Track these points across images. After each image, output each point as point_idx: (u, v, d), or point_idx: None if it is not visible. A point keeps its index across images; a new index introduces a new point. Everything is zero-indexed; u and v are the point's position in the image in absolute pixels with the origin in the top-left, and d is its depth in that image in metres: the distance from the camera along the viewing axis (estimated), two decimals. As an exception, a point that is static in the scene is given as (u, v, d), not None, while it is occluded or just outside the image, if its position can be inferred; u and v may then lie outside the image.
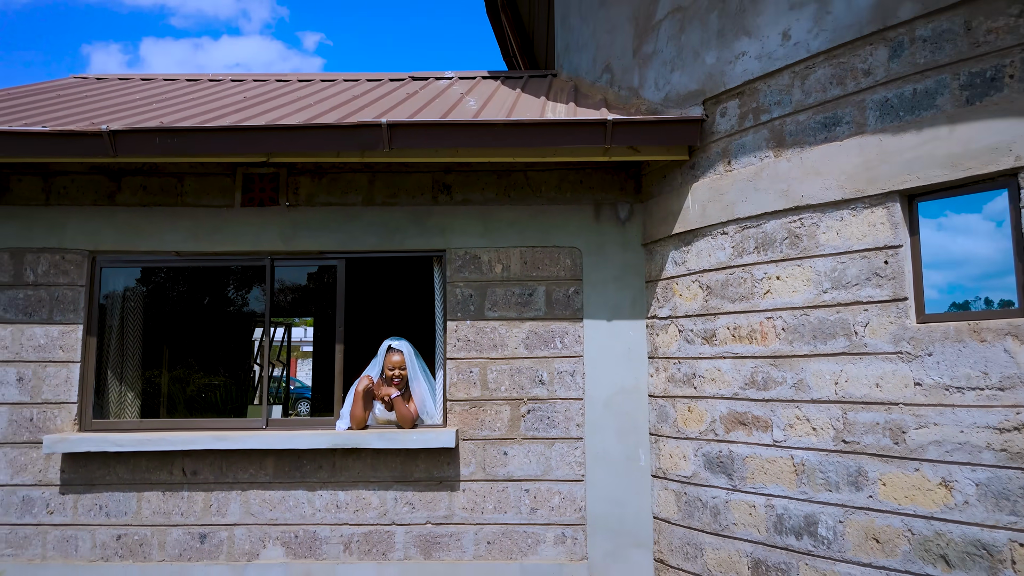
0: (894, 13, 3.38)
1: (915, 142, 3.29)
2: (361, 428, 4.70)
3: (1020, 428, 2.92)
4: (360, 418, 4.69)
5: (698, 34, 4.35)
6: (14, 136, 4.37)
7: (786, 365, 3.74)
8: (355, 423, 4.70)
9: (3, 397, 4.81)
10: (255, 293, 7.94)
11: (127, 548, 4.69)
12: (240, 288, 7.88)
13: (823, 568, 3.51)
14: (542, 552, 4.64)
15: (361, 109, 4.98)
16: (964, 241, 3.27)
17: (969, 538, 3.03)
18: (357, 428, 4.69)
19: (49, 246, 4.92)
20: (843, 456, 3.47)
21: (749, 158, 4.00)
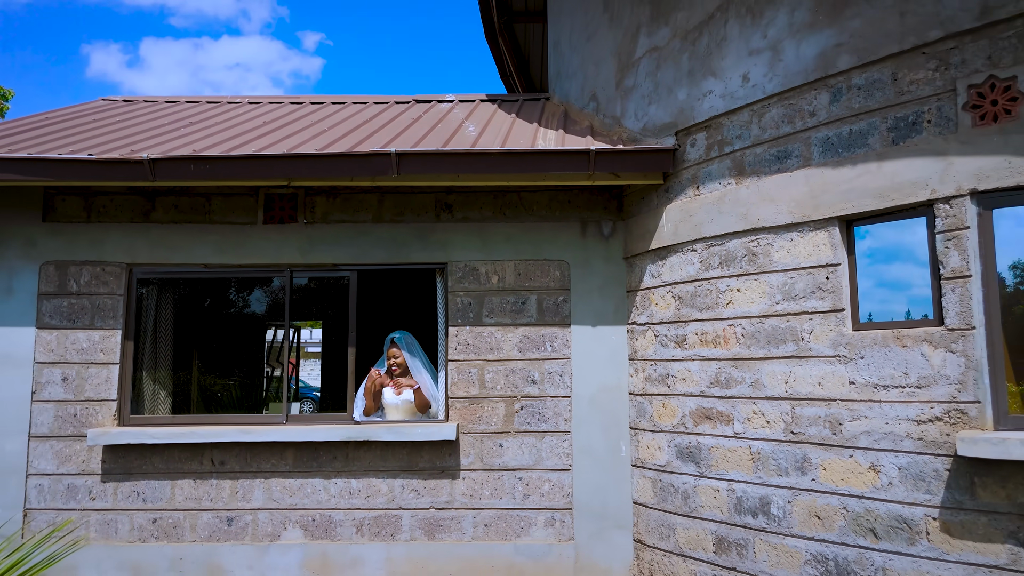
0: (834, 63, 3.89)
1: (851, 175, 3.80)
2: (371, 415, 5.29)
3: (933, 420, 3.44)
4: (370, 408, 5.28)
5: (672, 72, 4.86)
6: (64, 163, 4.88)
7: (745, 367, 4.25)
8: (366, 412, 5.29)
9: (49, 395, 5.33)
10: (272, 300, 8.46)
11: (162, 530, 5.20)
12: (259, 296, 8.39)
13: (775, 542, 4.02)
14: (533, 533, 5.15)
15: (371, 135, 5.50)
16: (892, 260, 3.78)
17: (893, 514, 3.55)
18: (368, 415, 5.29)
19: (90, 259, 5.43)
20: (791, 445, 3.98)
21: (714, 184, 4.51)
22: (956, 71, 3.47)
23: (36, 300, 5.39)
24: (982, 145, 3.36)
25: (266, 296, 8.37)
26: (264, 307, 8.42)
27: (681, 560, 4.57)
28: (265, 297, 8.40)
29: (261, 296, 8.41)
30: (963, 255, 3.39)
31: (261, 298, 8.44)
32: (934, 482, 3.41)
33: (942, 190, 3.46)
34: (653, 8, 5.06)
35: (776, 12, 4.18)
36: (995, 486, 3.24)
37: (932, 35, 3.53)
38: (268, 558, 5.16)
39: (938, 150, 3.49)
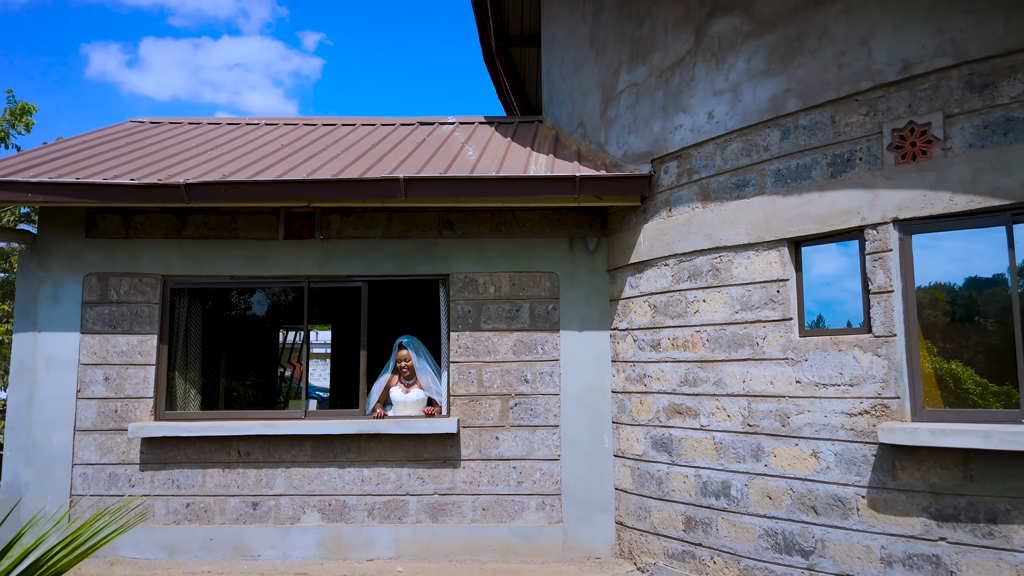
0: (784, 106, 4.47)
1: (798, 203, 4.38)
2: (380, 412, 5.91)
3: (863, 413, 4.02)
4: (379, 406, 5.89)
5: (648, 107, 5.44)
6: (108, 187, 5.47)
7: (709, 368, 4.83)
8: (377, 409, 5.89)
9: (92, 393, 5.90)
10: (288, 307, 9.03)
11: (194, 514, 5.78)
12: (277, 303, 8.97)
13: (733, 520, 4.60)
14: (526, 516, 5.72)
15: (381, 160, 6.08)
16: (833, 275, 4.36)
17: (830, 493, 4.12)
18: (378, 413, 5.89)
19: (129, 271, 6.01)
20: (748, 436, 4.56)
21: (684, 208, 5.09)
22: (883, 116, 4.06)
23: (80, 308, 5.96)
24: (903, 180, 3.94)
25: (283, 303, 8.94)
26: (281, 313, 9.00)
27: (656, 538, 5.15)
28: (282, 304, 8.97)
29: (279, 303, 8.98)
30: (887, 273, 3.97)
31: (279, 305, 9.01)
32: (863, 466, 3.99)
33: (870, 218, 4.04)
34: (633, 48, 5.65)
35: (736, 58, 4.76)
36: (912, 468, 3.82)
37: (863, 85, 4.12)
38: (289, 539, 5.74)
39: (867, 184, 4.07)
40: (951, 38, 3.83)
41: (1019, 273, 3.69)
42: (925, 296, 3.96)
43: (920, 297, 3.94)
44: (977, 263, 3.88)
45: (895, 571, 3.84)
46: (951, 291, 3.98)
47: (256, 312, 8.82)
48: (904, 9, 3.98)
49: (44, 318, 5.95)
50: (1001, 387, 3.75)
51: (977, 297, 3.91)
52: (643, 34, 5.54)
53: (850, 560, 4.01)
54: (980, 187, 3.69)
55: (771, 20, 4.58)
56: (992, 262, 3.80)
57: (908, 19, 3.97)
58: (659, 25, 5.38)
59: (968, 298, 3.94)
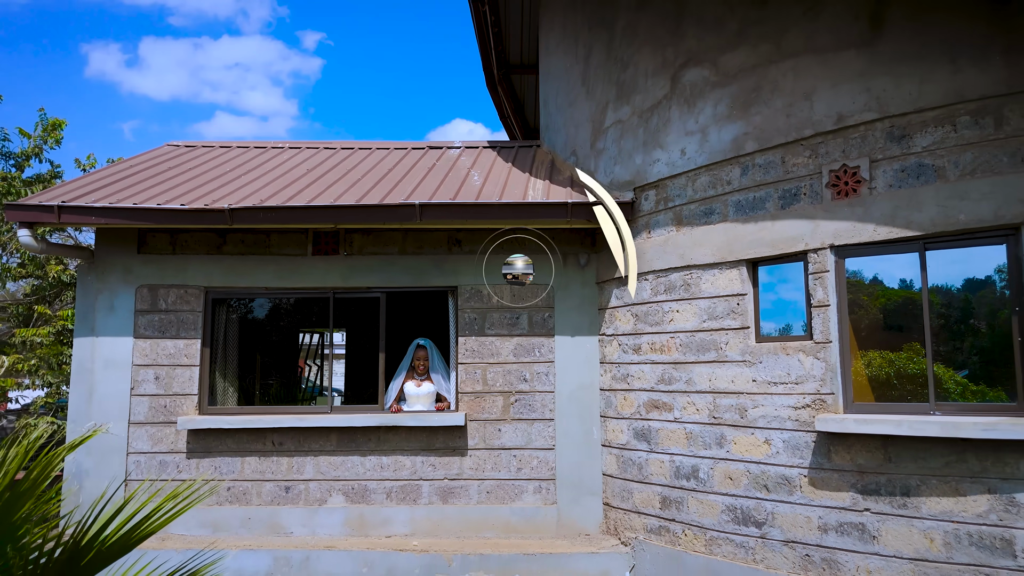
0: (743, 147, 5.23)
1: (754, 230, 5.14)
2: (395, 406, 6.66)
3: (805, 407, 4.78)
4: (395, 401, 6.65)
5: (631, 142, 6.21)
6: (161, 212, 6.22)
7: (682, 368, 5.58)
8: (393, 405, 6.65)
9: (144, 391, 6.66)
10: (312, 313, 9.79)
11: (234, 496, 6.53)
12: (303, 311, 9.73)
13: (701, 498, 5.36)
14: (525, 499, 6.48)
15: (397, 185, 6.83)
16: (783, 291, 5.12)
17: (779, 474, 4.88)
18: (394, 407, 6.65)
19: (175, 283, 6.77)
20: (713, 427, 5.32)
21: (661, 231, 5.85)
22: (822, 159, 4.82)
23: (133, 316, 6.72)
24: (837, 213, 4.70)
25: (308, 310, 9.70)
26: (306, 320, 9.76)
27: (637, 516, 5.91)
28: (307, 312, 9.73)
29: (305, 310, 9.74)
30: (825, 290, 4.73)
31: (305, 312, 9.77)
32: (805, 451, 4.75)
33: (812, 244, 4.80)
34: (618, 89, 6.41)
35: (704, 104, 5.52)
36: (843, 452, 4.58)
37: (806, 132, 4.88)
38: (317, 518, 6.49)
39: (810, 215, 4.83)
40: (876, 96, 4.59)
41: (930, 289, 4.45)
42: (876, 306, 4.73)
43: (870, 307, 4.71)
44: (903, 280, 4.64)
45: (829, 537, 4.60)
46: (887, 302, 4.74)
47: (284, 319, 9.58)
48: (839, 71, 4.74)
49: (101, 325, 6.70)
50: (922, 384, 4.51)
51: (902, 308, 4.67)
52: (627, 78, 6.30)
53: (794, 529, 4.77)
54: (898, 220, 4.45)
55: (733, 73, 5.34)
56: (913, 280, 4.56)
57: (842, 79, 4.73)
58: (640, 71, 6.14)
59: (897, 307, 4.70)
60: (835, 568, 4.57)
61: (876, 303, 4.79)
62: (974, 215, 4.20)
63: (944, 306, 4.53)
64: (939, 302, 4.51)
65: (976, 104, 4.25)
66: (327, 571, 6.04)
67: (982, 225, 4.19)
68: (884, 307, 4.76)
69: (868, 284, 4.79)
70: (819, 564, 4.64)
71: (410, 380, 6.78)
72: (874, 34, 4.62)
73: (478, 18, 9.01)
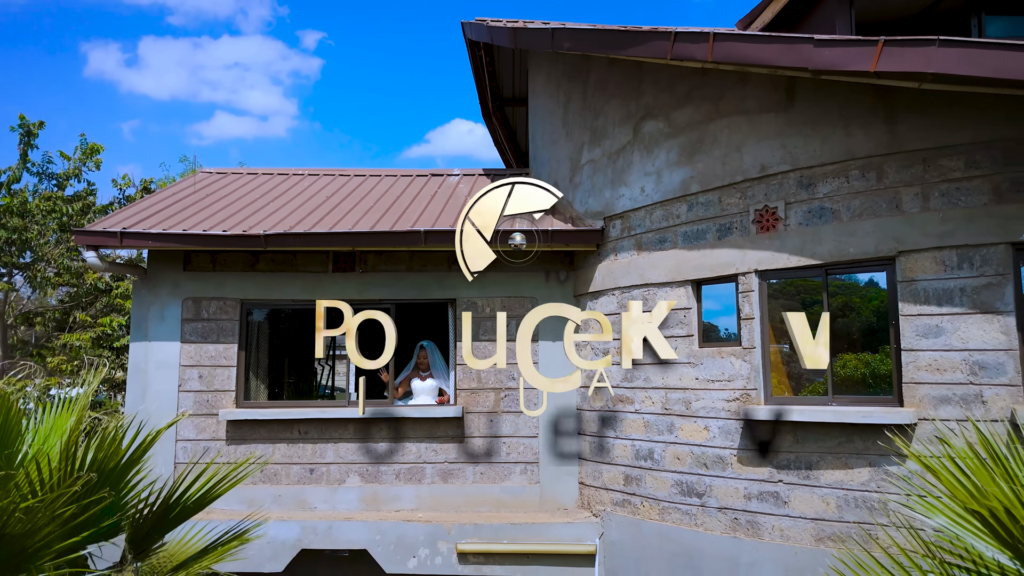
0: (689, 187, 6.32)
1: (698, 255, 6.22)
2: (401, 399, 7.71)
3: (735, 400, 5.85)
4: (399, 394, 7.71)
5: (602, 179, 7.29)
6: (206, 237, 7.30)
7: (641, 368, 6.66)
8: (397, 397, 7.71)
9: (190, 387, 7.73)
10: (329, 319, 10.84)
11: (267, 477, 7.60)
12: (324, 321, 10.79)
13: (655, 476, 6.44)
14: (513, 479, 7.55)
15: (404, 212, 7.91)
16: (722, 306, 6.19)
17: (716, 454, 5.96)
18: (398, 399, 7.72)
19: (216, 296, 7.84)
20: (665, 416, 6.40)
21: (625, 254, 6.94)
22: (749, 200, 5.90)
23: (180, 324, 7.79)
24: (761, 244, 5.78)
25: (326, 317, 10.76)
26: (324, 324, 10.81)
27: (605, 492, 6.98)
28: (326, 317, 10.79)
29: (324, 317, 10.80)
30: (751, 306, 5.81)
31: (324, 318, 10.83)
32: (735, 435, 5.83)
33: (741, 268, 5.88)
34: (592, 134, 7.50)
35: (659, 151, 6.61)
36: (762, 435, 5.66)
37: (737, 178, 5.96)
38: (337, 496, 7.56)
39: (740, 245, 5.92)
40: (790, 152, 5.68)
41: (830, 306, 5.54)
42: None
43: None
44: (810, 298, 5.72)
45: (752, 503, 5.68)
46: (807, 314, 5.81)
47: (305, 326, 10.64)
48: (762, 131, 5.83)
49: (153, 332, 7.78)
50: (822, 379, 5.60)
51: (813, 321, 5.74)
52: (599, 125, 7.39)
53: (726, 498, 5.85)
54: (805, 251, 5.54)
55: (682, 127, 6.42)
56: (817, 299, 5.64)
57: (765, 137, 5.82)
58: (609, 120, 7.23)
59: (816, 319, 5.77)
60: (756, 528, 5.65)
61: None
62: (860, 249, 5.28)
63: (845, 314, 5.62)
64: (837, 312, 5.59)
65: (863, 161, 5.34)
66: (347, 538, 7.12)
67: (867, 257, 5.27)
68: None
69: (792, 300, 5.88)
70: (744, 525, 5.73)
71: (415, 377, 7.86)
72: (788, 102, 5.71)
73: (475, 59, 10.09)
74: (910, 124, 5.15)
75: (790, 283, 5.87)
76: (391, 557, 7.02)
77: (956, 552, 3.18)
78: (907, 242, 5.10)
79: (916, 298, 5.06)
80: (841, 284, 5.75)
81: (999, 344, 4.77)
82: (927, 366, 4.99)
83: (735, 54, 5.33)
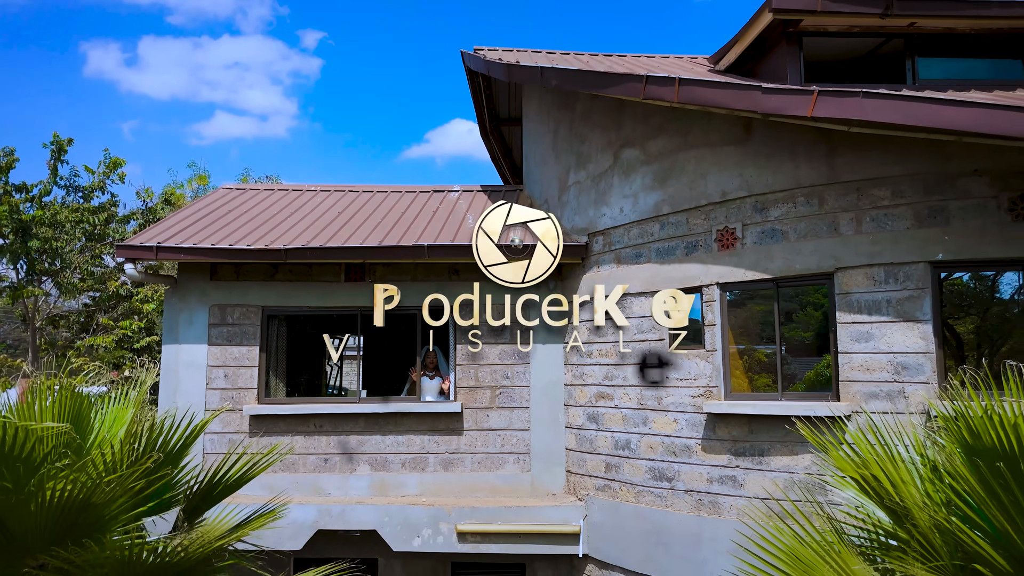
0: (661, 209, 7.09)
1: (669, 269, 7.00)
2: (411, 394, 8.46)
3: (700, 396, 6.62)
4: (411, 390, 8.46)
5: (586, 199, 8.07)
6: (233, 251, 8.06)
7: (620, 368, 7.43)
8: (409, 392, 8.47)
9: (216, 385, 8.49)
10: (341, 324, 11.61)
11: (285, 466, 8.36)
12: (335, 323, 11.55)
13: (632, 463, 7.20)
14: (507, 468, 8.32)
15: (409, 227, 8.68)
16: (694, 312, 6.96)
17: (683, 444, 6.73)
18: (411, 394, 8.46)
19: (239, 303, 8.60)
20: (640, 411, 7.16)
21: (606, 267, 7.71)
22: (712, 221, 6.67)
23: (207, 328, 8.55)
24: (722, 260, 6.56)
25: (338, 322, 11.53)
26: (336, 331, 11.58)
27: (589, 479, 7.75)
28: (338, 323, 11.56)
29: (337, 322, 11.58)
30: (713, 314, 6.58)
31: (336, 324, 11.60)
32: (700, 427, 6.60)
33: (705, 281, 6.65)
34: (577, 159, 8.27)
35: (636, 176, 7.38)
36: (723, 427, 6.43)
37: (702, 202, 6.74)
38: (349, 483, 8.32)
39: (704, 261, 6.69)
40: (747, 180, 6.45)
41: (780, 316, 6.31)
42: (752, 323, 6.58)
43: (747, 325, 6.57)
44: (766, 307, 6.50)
45: (714, 486, 6.45)
46: (762, 324, 6.59)
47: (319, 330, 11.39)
48: (723, 163, 6.61)
49: (183, 335, 8.54)
50: (773, 379, 6.37)
51: (768, 328, 6.52)
52: (584, 150, 8.17)
53: (692, 481, 6.62)
54: (759, 267, 6.31)
55: (656, 156, 7.20)
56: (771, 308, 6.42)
57: (725, 168, 6.59)
58: (593, 147, 8.01)
59: (765, 326, 6.55)
60: (717, 507, 6.42)
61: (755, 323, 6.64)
62: (805, 265, 6.06)
63: (797, 321, 6.40)
64: (793, 321, 6.36)
65: (808, 189, 6.12)
66: (358, 520, 7.88)
67: (810, 272, 6.05)
68: (760, 325, 6.61)
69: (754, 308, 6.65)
70: (707, 505, 6.50)
71: (424, 375, 8.61)
72: (746, 137, 6.49)
73: (473, 84, 10.86)
74: (847, 159, 5.93)
75: (752, 292, 6.66)
76: (398, 536, 7.79)
77: (859, 516, 3.94)
78: (843, 260, 5.88)
79: (851, 308, 5.84)
80: (794, 295, 6.52)
81: (919, 348, 5.55)
82: (859, 366, 5.77)
83: (697, 97, 6.11)
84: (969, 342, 6.01)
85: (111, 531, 4.24)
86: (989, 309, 6.09)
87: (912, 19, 6.47)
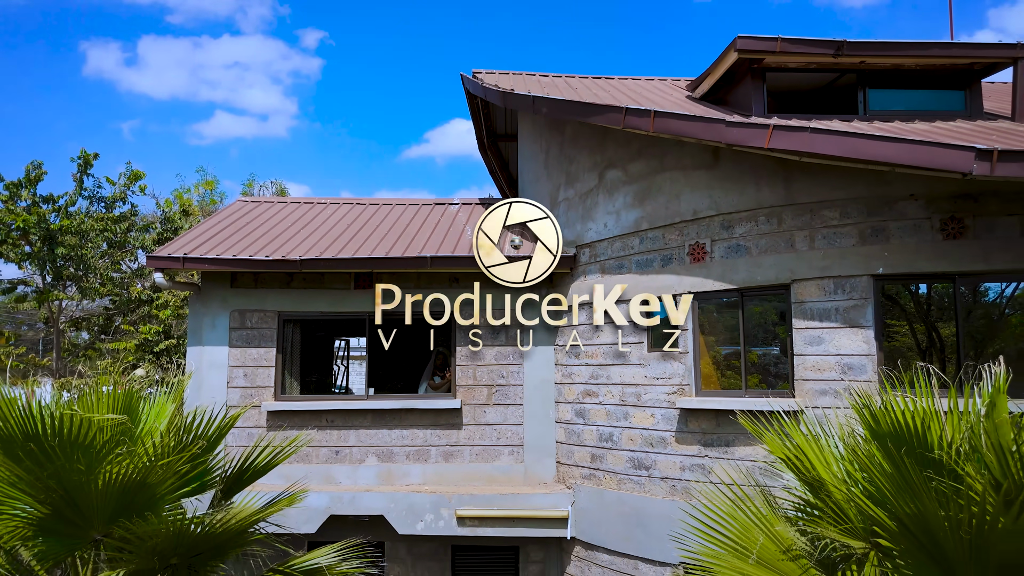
0: (640, 225, 7.79)
1: (648, 279, 7.69)
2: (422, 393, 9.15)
3: (674, 393, 7.31)
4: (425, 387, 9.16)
5: (575, 214, 8.76)
6: (251, 261, 8.75)
7: (604, 369, 8.12)
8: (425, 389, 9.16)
9: (237, 384, 9.18)
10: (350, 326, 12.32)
11: (300, 457, 9.05)
12: (344, 326, 12.26)
13: (615, 453, 7.89)
14: (502, 460, 9.01)
15: (413, 238, 9.38)
16: (672, 319, 7.65)
17: (659, 436, 7.42)
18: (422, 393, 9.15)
19: (258, 309, 9.29)
20: (622, 407, 7.86)
21: (592, 276, 8.41)
22: (685, 237, 7.37)
23: (228, 332, 9.24)
24: (694, 272, 7.25)
25: (348, 326, 12.24)
26: (346, 333, 12.29)
27: (576, 468, 8.44)
28: (349, 327, 12.28)
29: (346, 326, 12.29)
30: (687, 319, 7.28)
31: (346, 327, 12.32)
32: (674, 420, 7.29)
33: (679, 290, 7.35)
34: (567, 177, 8.97)
35: (618, 195, 8.08)
36: (694, 421, 7.12)
37: (676, 219, 7.43)
38: (358, 473, 9.01)
39: (678, 272, 7.38)
40: (715, 201, 7.14)
41: (746, 323, 7.00)
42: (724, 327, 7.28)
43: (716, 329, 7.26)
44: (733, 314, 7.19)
45: (686, 473, 7.14)
46: (729, 329, 7.28)
47: (331, 333, 12.10)
48: (695, 183, 7.30)
49: (206, 338, 9.23)
50: (744, 378, 7.06)
51: (736, 333, 7.21)
52: (572, 170, 8.86)
53: (667, 470, 7.32)
54: (725, 278, 7.01)
55: (636, 176, 7.89)
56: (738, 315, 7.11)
57: (696, 189, 7.29)
58: (581, 167, 8.70)
59: (735, 331, 7.24)
60: (688, 492, 7.12)
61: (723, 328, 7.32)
62: (765, 278, 6.75)
63: (760, 327, 7.09)
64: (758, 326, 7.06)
65: (768, 210, 6.81)
66: (367, 506, 8.58)
67: (770, 283, 6.75)
68: (732, 330, 7.30)
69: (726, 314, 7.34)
70: (680, 491, 7.19)
71: (436, 375, 9.31)
72: (715, 162, 7.18)
73: (472, 103, 11.56)
74: (802, 183, 6.62)
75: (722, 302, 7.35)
76: (403, 521, 8.48)
77: (796, 494, 4.64)
78: (798, 273, 6.57)
79: (805, 315, 6.53)
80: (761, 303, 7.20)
81: (862, 351, 6.24)
82: (812, 367, 6.46)
83: (669, 128, 6.80)
84: (907, 345, 6.71)
85: (161, 508, 4.94)
86: (927, 317, 6.79)
87: (862, 58, 7.17)
